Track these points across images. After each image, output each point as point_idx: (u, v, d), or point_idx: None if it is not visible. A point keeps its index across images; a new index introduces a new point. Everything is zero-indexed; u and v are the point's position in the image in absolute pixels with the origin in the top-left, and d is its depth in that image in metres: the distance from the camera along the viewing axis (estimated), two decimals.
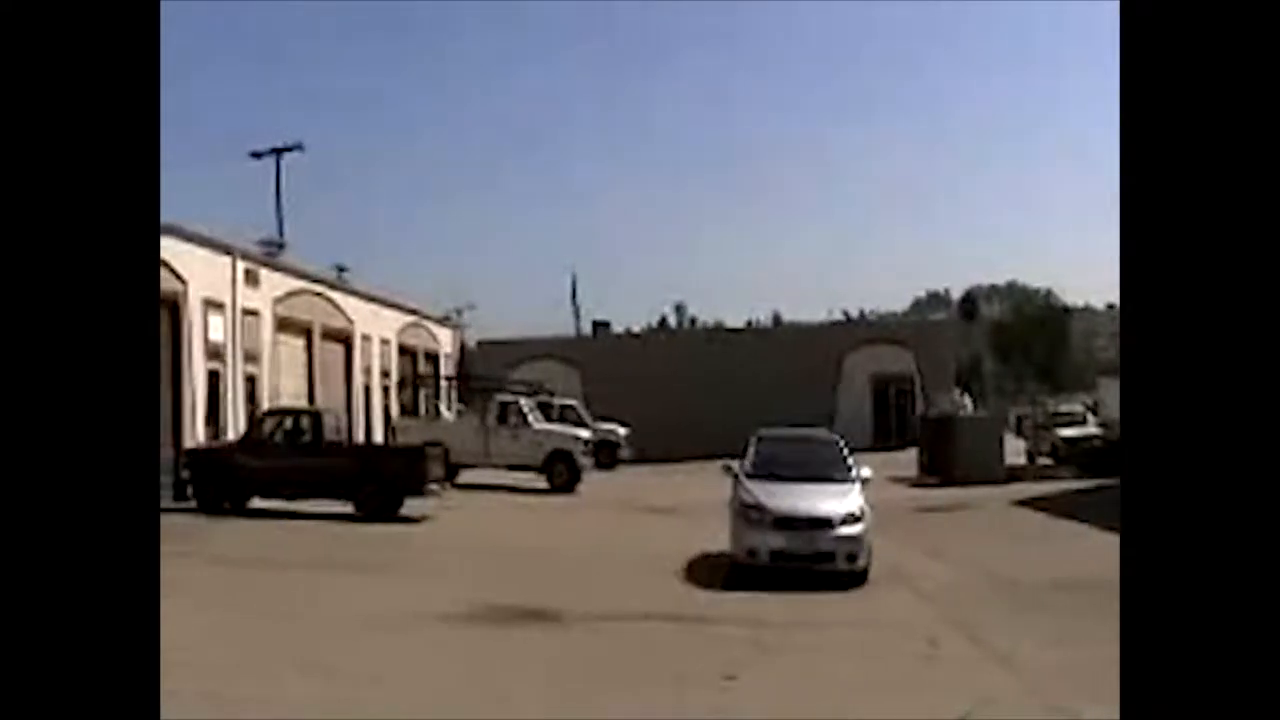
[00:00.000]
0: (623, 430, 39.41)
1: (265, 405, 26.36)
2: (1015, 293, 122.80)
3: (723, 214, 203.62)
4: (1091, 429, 35.67)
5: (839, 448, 16.69)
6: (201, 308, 24.76)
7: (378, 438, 33.71)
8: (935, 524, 21.37)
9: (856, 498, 15.03)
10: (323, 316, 31.75)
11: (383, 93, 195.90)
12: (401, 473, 21.08)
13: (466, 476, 28.14)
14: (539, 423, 30.15)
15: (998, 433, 33.01)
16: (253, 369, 27.36)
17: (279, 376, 28.58)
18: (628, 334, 62.35)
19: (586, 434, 31.18)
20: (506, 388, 34.43)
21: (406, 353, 39.38)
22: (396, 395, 37.29)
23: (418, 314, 41.01)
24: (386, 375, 37.13)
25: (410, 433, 29.12)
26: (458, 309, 56.02)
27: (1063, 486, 27.20)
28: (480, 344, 56.38)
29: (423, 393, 38.68)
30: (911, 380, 49.00)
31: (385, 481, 20.79)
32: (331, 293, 32.85)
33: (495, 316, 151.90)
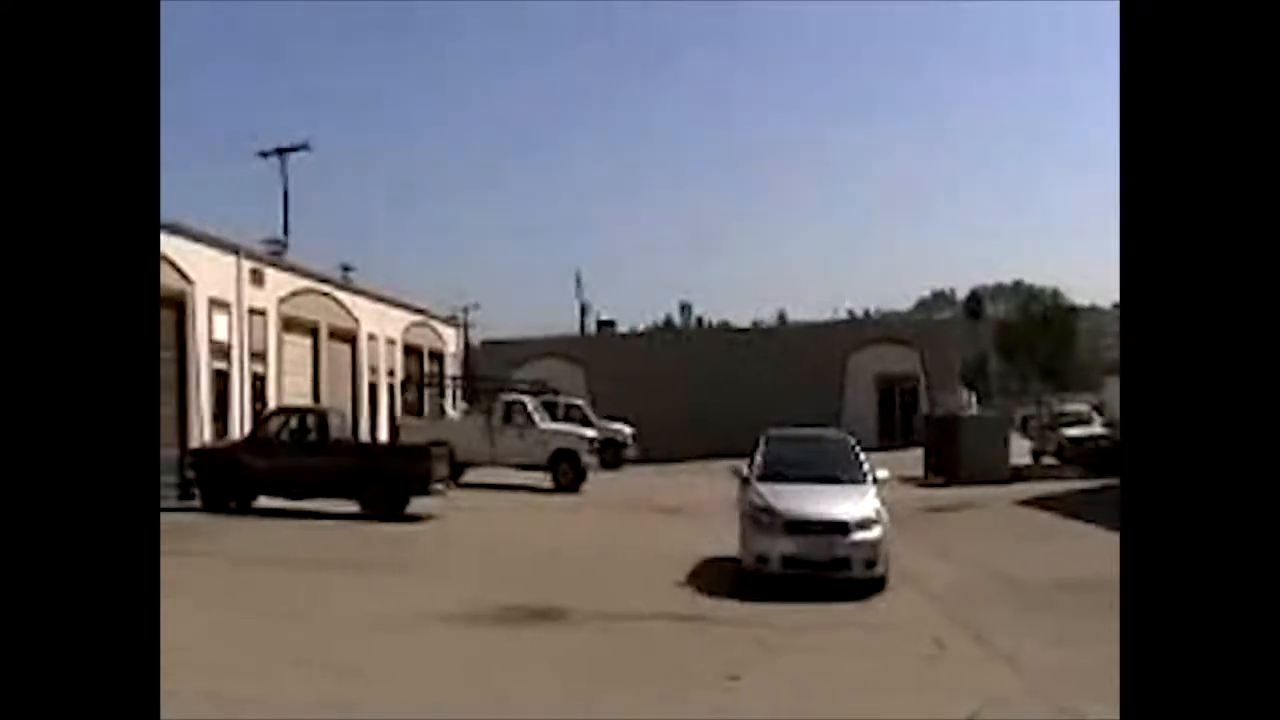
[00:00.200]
0: (628, 429, 39.40)
1: (271, 404, 26.40)
2: (1021, 292, 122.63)
3: (726, 214, 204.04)
4: (1097, 429, 35.57)
5: (852, 447, 16.01)
6: (207, 307, 24.82)
7: (383, 437, 33.75)
8: (940, 524, 21.35)
9: (872, 500, 14.29)
10: (328, 316, 31.80)
11: (383, 93, 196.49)
12: (407, 472, 21.08)
13: (472, 476, 28.16)
14: (544, 422, 30.14)
15: (1003, 432, 32.98)
16: (258, 368, 27.42)
17: (284, 376, 28.63)
18: (633, 333, 62.32)
19: (592, 433, 31.16)
20: (511, 387, 34.44)
21: (412, 352, 39.43)
22: (402, 394, 37.34)
23: (423, 313, 41.07)
24: (392, 374, 37.20)
25: (415, 432, 29.12)
26: (463, 308, 56.14)
27: (1068, 486, 27.16)
28: (485, 343, 56.52)
29: (428, 392, 38.73)
30: (916, 380, 48.98)
31: (390, 481, 20.79)
32: (337, 292, 32.90)
33: (499, 316, 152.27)
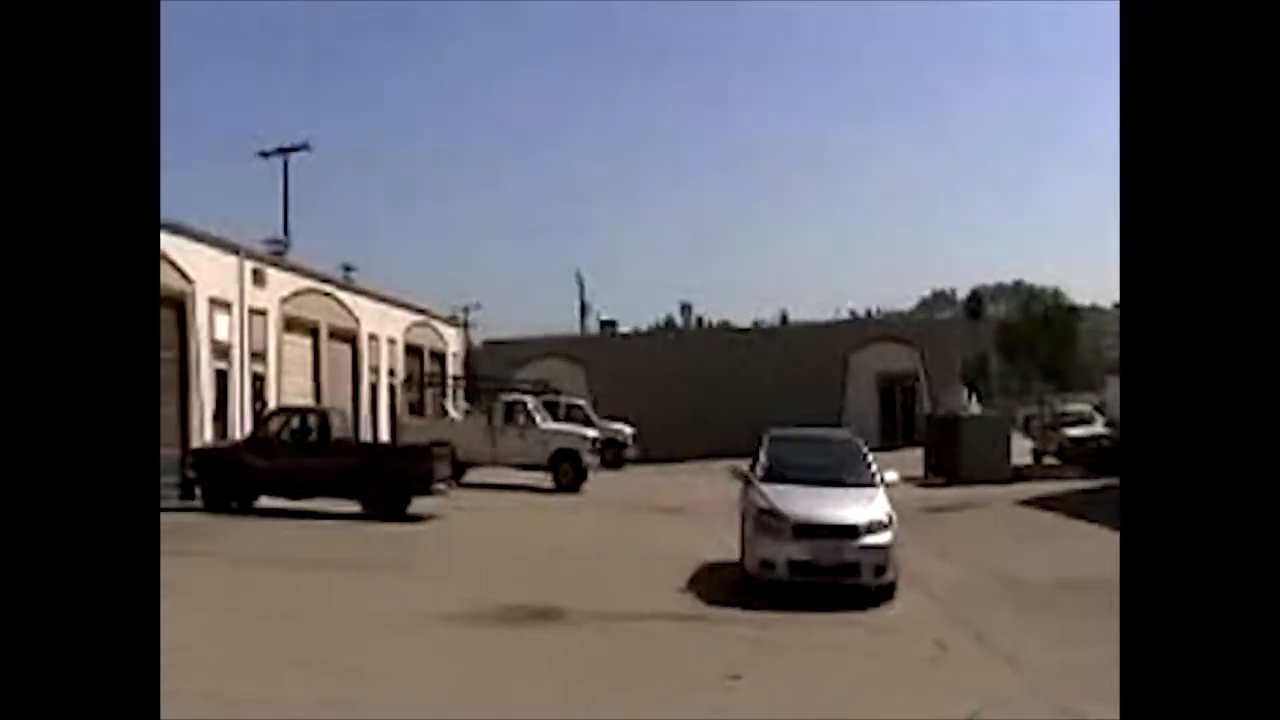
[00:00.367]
0: (629, 429, 39.40)
1: (272, 404, 26.41)
2: (1021, 292, 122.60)
3: (726, 214, 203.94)
4: (1098, 428, 35.55)
5: (859, 448, 15.46)
6: (208, 307, 24.83)
7: (384, 437, 33.76)
8: (942, 524, 21.34)
9: (882, 503, 13.70)
10: (329, 316, 31.81)
11: (383, 93, 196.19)
12: (408, 472, 21.08)
13: (473, 475, 28.15)
14: (545, 422, 30.15)
15: (1004, 432, 32.94)
16: (260, 368, 27.43)
17: (285, 376, 28.64)
18: (634, 333, 62.30)
19: (593, 433, 31.17)
20: (513, 387, 34.44)
21: (413, 352, 39.44)
22: (403, 394, 37.35)
23: (424, 313, 41.07)
24: (393, 374, 37.21)
25: (417, 432, 29.14)
26: (464, 308, 56.14)
27: (1069, 486, 27.15)
28: (486, 343, 56.45)
29: (429, 392, 38.72)
30: (917, 379, 48.96)
31: (392, 481, 20.79)
32: (338, 292, 32.91)
33: (500, 316, 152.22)
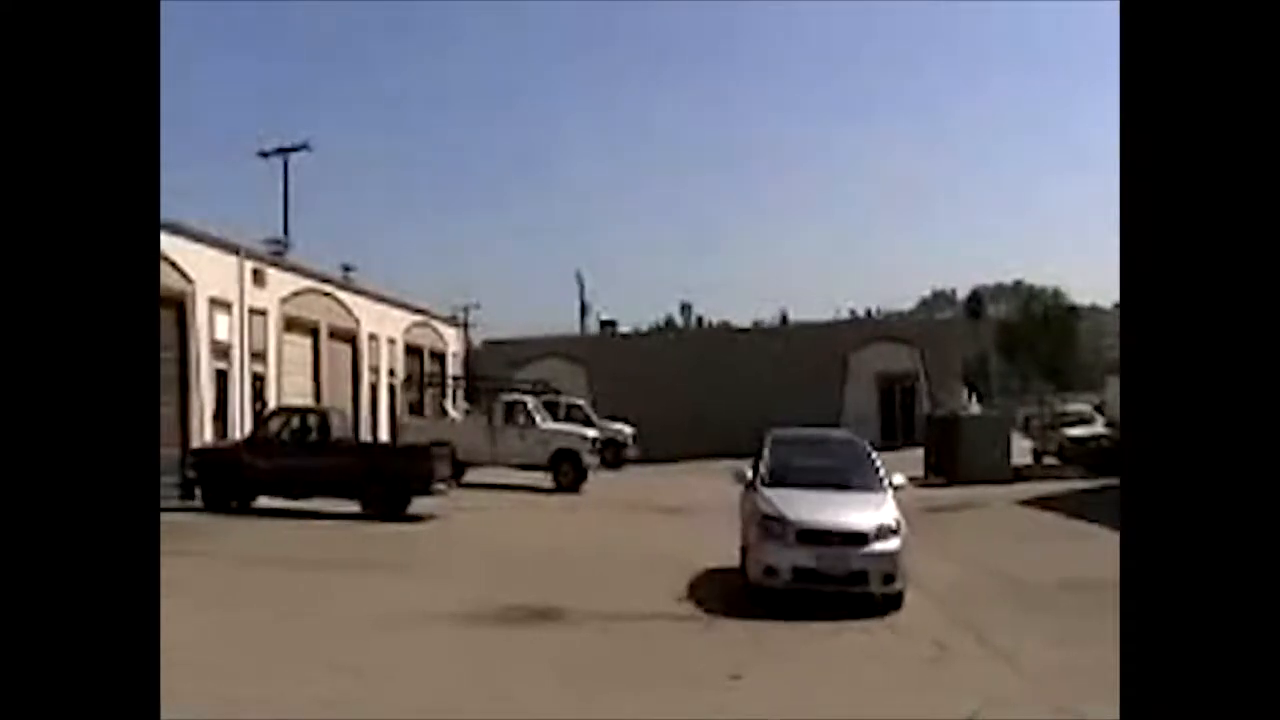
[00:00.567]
0: (628, 429, 39.40)
1: (271, 404, 26.41)
2: (1021, 292, 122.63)
3: (726, 214, 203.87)
4: (1098, 428, 35.56)
5: (865, 450, 14.89)
6: (208, 307, 24.83)
7: (384, 437, 33.76)
8: (942, 524, 21.33)
9: (891, 508, 13.19)
10: (329, 316, 31.81)
11: (383, 93, 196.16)
12: (408, 472, 21.09)
13: (473, 475, 28.16)
14: (545, 422, 30.15)
15: (1004, 432, 32.93)
16: (259, 368, 27.43)
17: (285, 376, 28.63)
18: (634, 333, 62.31)
19: (593, 433, 31.18)
20: (513, 387, 34.44)
21: (413, 352, 39.43)
22: (403, 394, 37.34)
23: (424, 313, 41.06)
24: (393, 374, 37.20)
25: (417, 432, 29.14)
26: (464, 308, 56.13)
27: (1070, 486, 27.16)
28: (486, 343, 56.44)
29: (429, 392, 38.72)
30: (917, 379, 48.96)
31: (392, 481, 20.80)
32: (338, 292, 32.91)
33: (500, 316, 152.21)
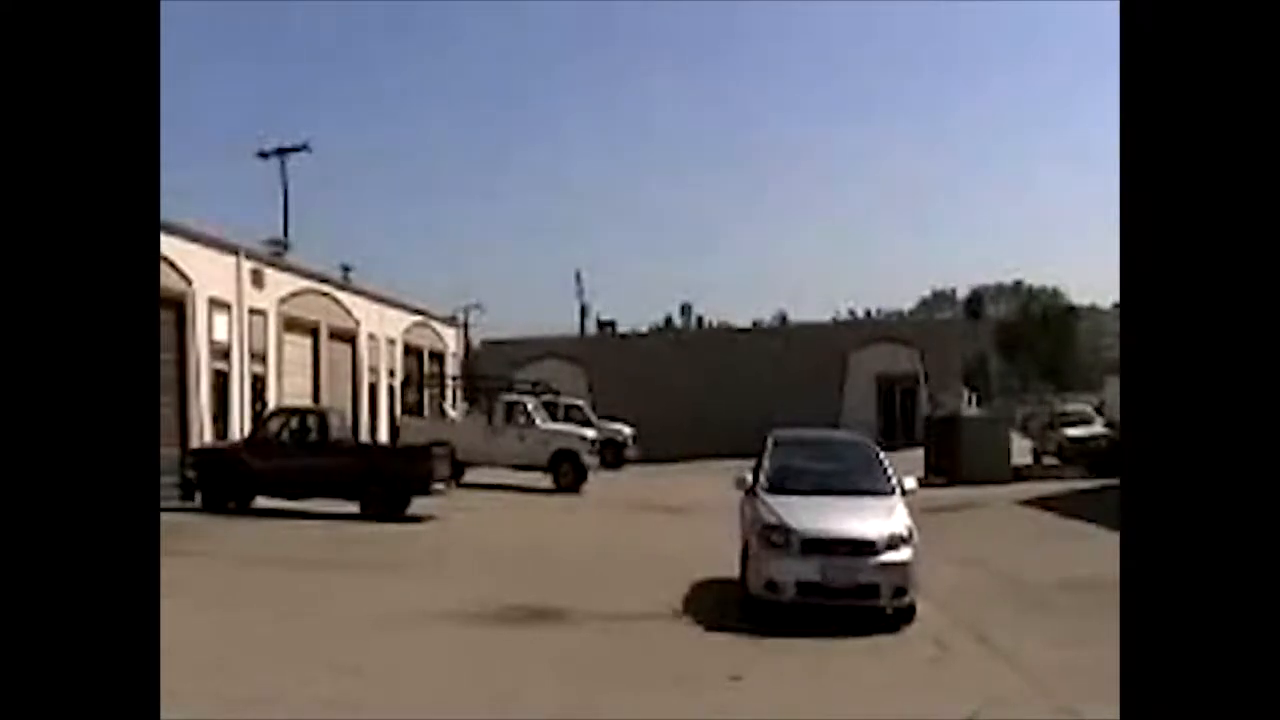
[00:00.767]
0: (628, 430, 39.42)
1: (271, 405, 26.40)
2: (1021, 292, 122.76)
3: (726, 214, 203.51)
4: (1098, 428, 35.58)
5: (874, 452, 14.01)
6: (207, 307, 24.81)
7: (384, 437, 33.75)
8: (942, 524, 21.29)
9: (902, 515, 12.32)
10: (328, 316, 31.80)
11: (383, 93, 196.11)
12: (407, 472, 21.08)
13: (472, 476, 28.16)
14: (545, 422, 30.17)
15: (1004, 432, 32.96)
16: (259, 369, 27.41)
17: (285, 376, 28.62)
18: (633, 333, 62.36)
19: (592, 434, 31.19)
20: (512, 387, 34.45)
21: (412, 352, 39.42)
22: (402, 395, 37.33)
23: (423, 314, 41.05)
24: (392, 375, 37.18)
25: (416, 432, 29.12)
26: (464, 308, 56.13)
27: (1069, 486, 27.15)
28: (485, 343, 56.50)
29: (428, 392, 38.71)
30: (917, 379, 48.98)
31: (391, 481, 20.80)
32: (337, 293, 32.89)
33: (500, 316, 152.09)
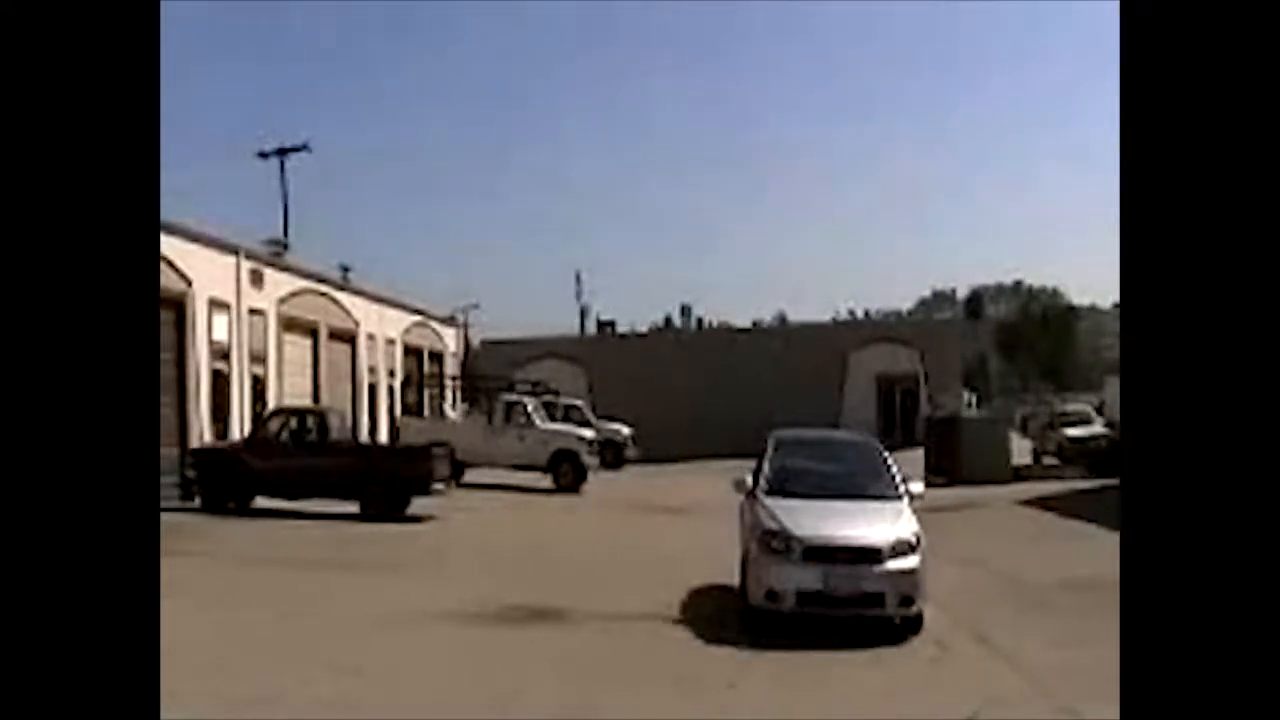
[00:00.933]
0: (627, 430, 39.42)
1: (271, 405, 26.39)
2: (1021, 292, 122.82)
3: (726, 214, 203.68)
4: (1097, 428, 35.59)
5: (879, 453, 13.39)
6: (207, 308, 24.80)
7: (383, 437, 33.74)
8: (943, 524, 21.24)
9: (909, 520, 11.78)
10: (328, 316, 31.78)
11: (383, 93, 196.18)
12: (407, 472, 21.08)
13: (472, 476, 28.15)
14: (544, 423, 30.17)
15: (1004, 432, 32.99)
16: (258, 369, 27.40)
17: (284, 376, 28.61)
18: (633, 334, 62.36)
19: (591, 434, 31.19)
20: (512, 387, 34.45)
21: (411, 352, 39.41)
22: (402, 395, 37.33)
23: (422, 314, 41.04)
24: (392, 375, 37.17)
25: (415, 432, 29.12)
26: (463, 308, 56.12)
27: (1069, 486, 27.15)
28: (485, 343, 56.50)
29: (428, 392, 38.70)
30: (917, 380, 48.99)
31: (390, 481, 20.79)
32: (336, 293, 32.88)
33: (499, 316, 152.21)
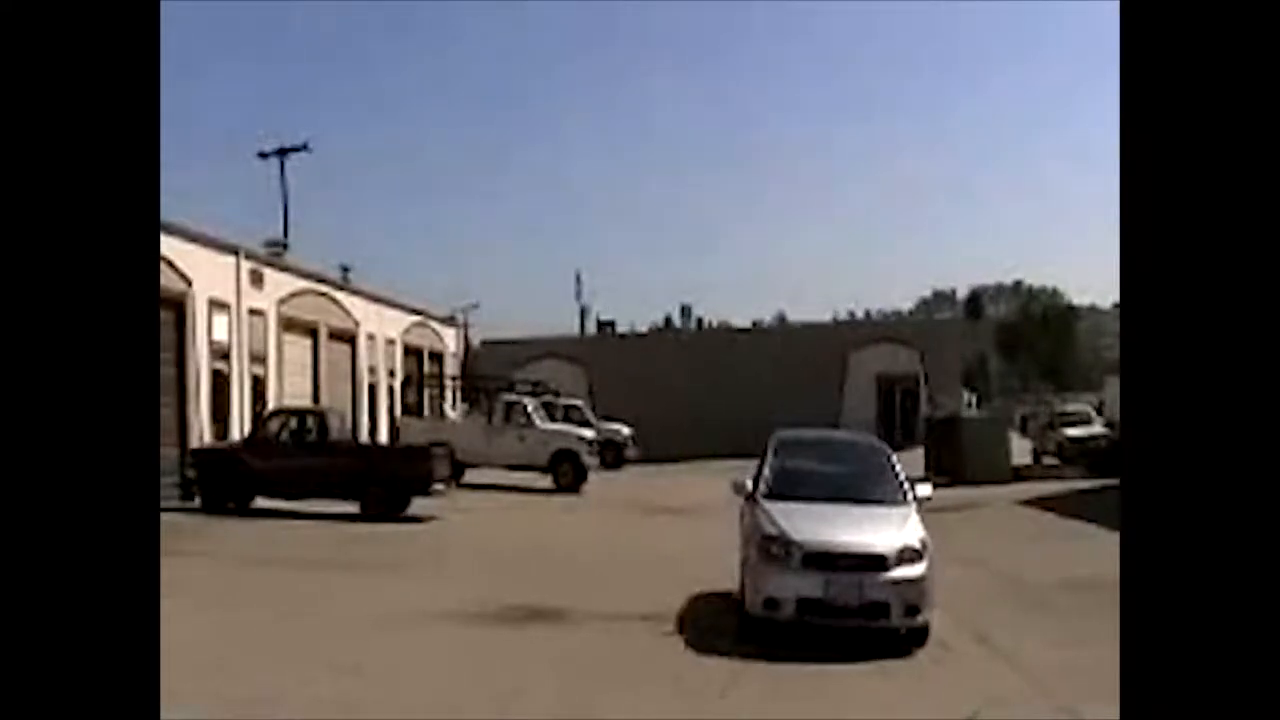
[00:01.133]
0: (626, 430, 39.43)
1: (270, 405, 26.40)
2: (1021, 292, 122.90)
3: (726, 214, 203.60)
4: (1097, 428, 35.61)
5: (885, 455, 12.94)
6: (207, 308, 24.80)
7: (383, 437, 33.74)
8: (943, 524, 21.22)
9: (915, 526, 11.29)
10: (328, 316, 31.78)
11: (383, 93, 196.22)
12: (407, 473, 21.09)
13: (471, 476, 28.16)
14: (544, 423, 30.18)
15: (1003, 432, 33.01)
16: (258, 369, 27.40)
17: (284, 377, 28.61)
18: (633, 334, 62.37)
19: (591, 434, 31.20)
20: (512, 388, 34.45)
21: (411, 352, 39.41)
22: (401, 395, 37.33)
23: (422, 314, 41.04)
24: (392, 375, 37.17)
25: (415, 432, 29.13)
26: (463, 308, 56.09)
27: (1069, 486, 27.16)
28: (485, 343, 56.49)
29: (428, 392, 38.70)
30: (917, 380, 48.99)
31: (390, 481, 20.81)
32: (336, 293, 32.88)
33: (499, 316, 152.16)
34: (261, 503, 21.01)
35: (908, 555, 10.82)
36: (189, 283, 23.84)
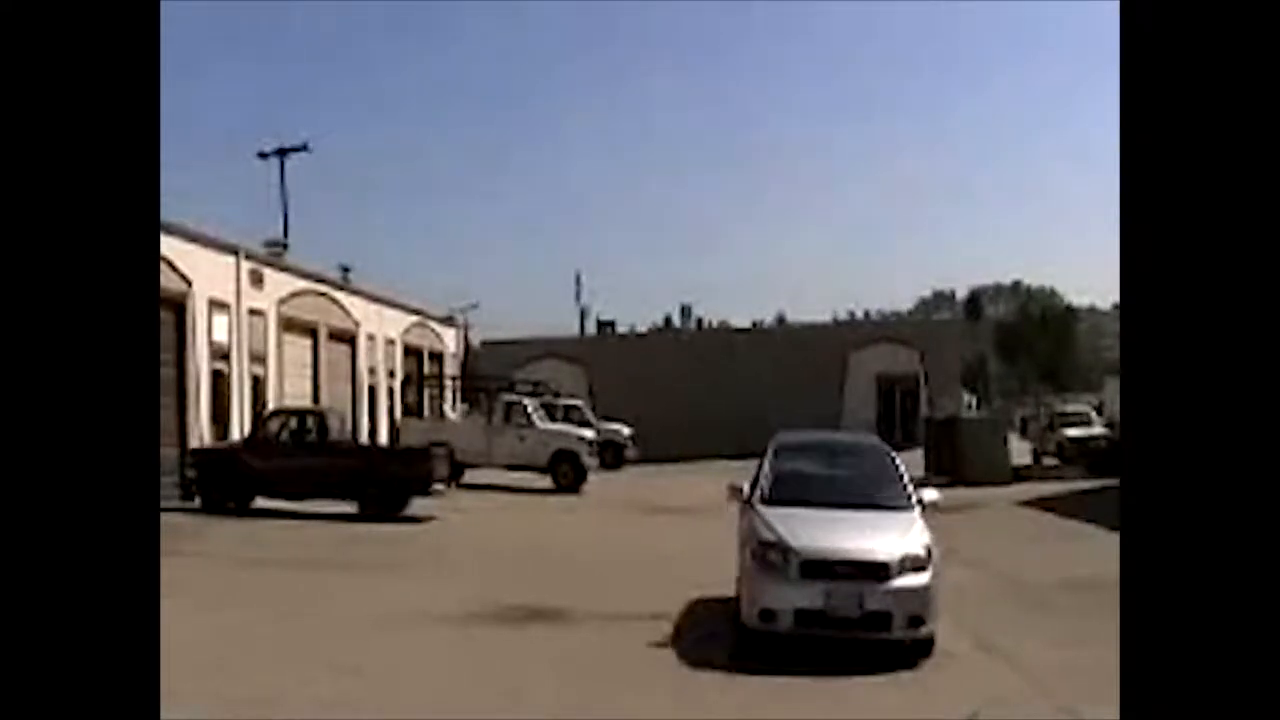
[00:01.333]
0: (626, 430, 39.42)
1: (270, 405, 26.40)
2: (1020, 292, 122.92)
3: (726, 214, 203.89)
4: (1097, 429, 35.62)
5: (888, 459, 12.36)
6: (207, 308, 24.80)
7: (383, 438, 33.74)
8: (943, 524, 21.19)
9: (920, 532, 10.80)
10: (327, 317, 31.78)
11: (383, 93, 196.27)
12: (406, 473, 21.10)
13: (471, 476, 28.17)
14: (544, 423, 30.18)
15: (1003, 433, 33.02)
16: (258, 369, 27.40)
17: (284, 377, 28.61)
18: (633, 334, 62.35)
19: (591, 434, 31.20)
20: (512, 388, 34.45)
21: (411, 353, 39.41)
22: (401, 395, 37.33)
23: (422, 314, 41.04)
24: (391, 375, 37.17)
25: (415, 433, 29.14)
26: (463, 308, 56.06)
27: (1069, 487, 27.15)
28: (485, 344, 56.47)
29: (427, 393, 38.69)
30: (916, 380, 49.00)
31: (390, 482, 20.81)
32: (336, 293, 32.88)
33: (499, 316, 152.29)
34: (261, 503, 21.01)
35: (911, 563, 10.31)
36: (189, 283, 23.83)
